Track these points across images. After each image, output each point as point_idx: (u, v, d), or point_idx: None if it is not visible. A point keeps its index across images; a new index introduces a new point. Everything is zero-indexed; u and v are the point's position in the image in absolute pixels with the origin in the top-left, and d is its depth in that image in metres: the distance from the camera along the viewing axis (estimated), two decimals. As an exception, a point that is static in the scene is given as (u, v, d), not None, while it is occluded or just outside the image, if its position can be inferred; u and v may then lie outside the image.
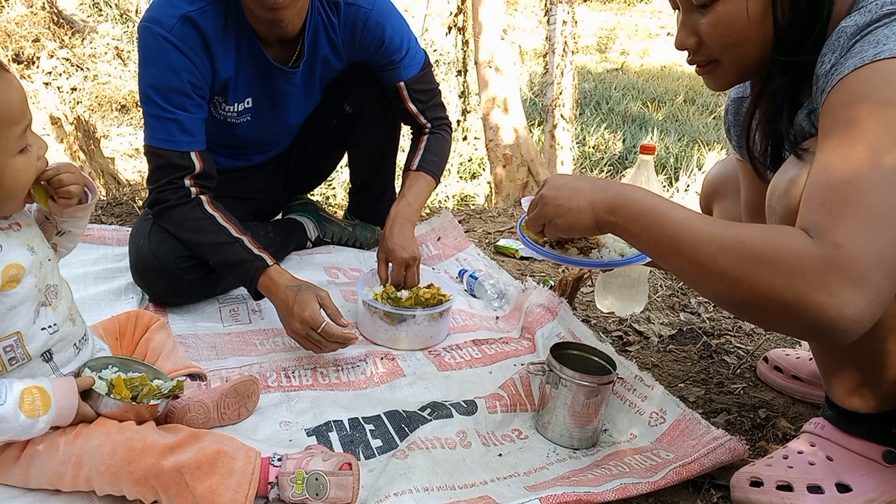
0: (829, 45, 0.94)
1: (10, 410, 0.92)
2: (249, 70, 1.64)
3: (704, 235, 0.89)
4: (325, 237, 2.13)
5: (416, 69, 1.81)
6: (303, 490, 0.99)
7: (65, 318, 1.06)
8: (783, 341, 1.77)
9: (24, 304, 0.98)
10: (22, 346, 0.99)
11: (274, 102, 1.75)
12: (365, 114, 1.94)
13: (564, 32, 5.06)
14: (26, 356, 1.00)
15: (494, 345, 1.63)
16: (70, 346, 1.07)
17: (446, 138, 1.92)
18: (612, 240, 1.25)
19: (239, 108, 1.70)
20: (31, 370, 1.02)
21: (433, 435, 1.19)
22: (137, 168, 5.47)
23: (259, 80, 1.67)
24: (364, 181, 2.14)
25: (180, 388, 1.12)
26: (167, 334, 1.31)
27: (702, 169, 6.25)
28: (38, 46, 6.15)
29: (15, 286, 0.97)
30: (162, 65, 1.50)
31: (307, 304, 1.40)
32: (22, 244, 0.99)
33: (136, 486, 0.95)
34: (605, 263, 1.23)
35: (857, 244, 0.79)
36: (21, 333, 0.99)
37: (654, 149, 1.69)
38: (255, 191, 1.97)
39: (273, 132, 1.88)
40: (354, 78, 1.86)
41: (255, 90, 1.69)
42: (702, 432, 1.21)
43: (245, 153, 1.90)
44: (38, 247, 1.03)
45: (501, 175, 4.97)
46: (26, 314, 0.99)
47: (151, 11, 1.51)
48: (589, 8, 13.45)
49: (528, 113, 6.12)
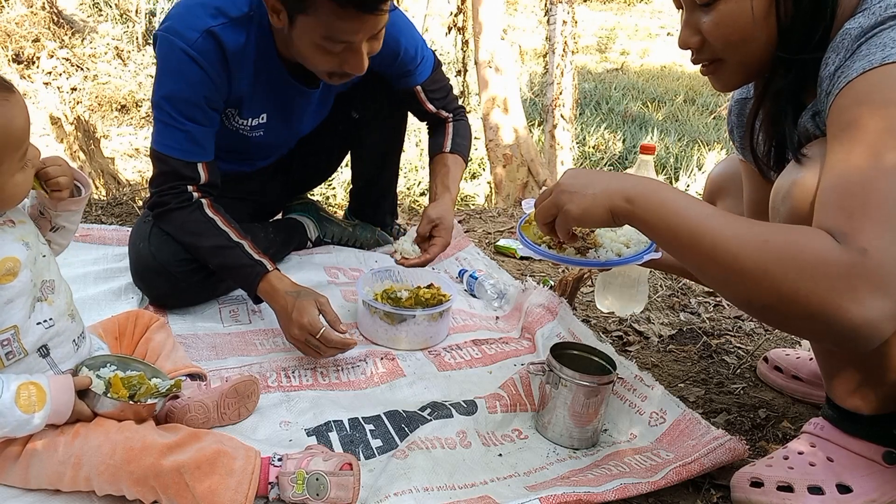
0: (834, 47, 0.93)
1: (7, 405, 0.92)
2: (266, 87, 1.63)
3: (727, 232, 0.87)
4: (326, 237, 2.13)
5: (428, 71, 1.83)
6: (303, 490, 0.99)
7: (62, 314, 1.06)
8: (783, 341, 1.77)
9: (21, 297, 0.99)
10: (18, 340, 1.00)
11: (288, 116, 1.75)
12: (371, 119, 1.94)
13: (564, 32, 5.07)
14: (23, 351, 1.01)
15: (494, 345, 1.63)
16: (68, 342, 1.08)
17: (467, 125, 1.97)
18: (610, 240, 1.25)
19: (253, 123, 1.70)
20: (29, 366, 1.02)
21: (433, 435, 1.19)
22: (137, 168, 5.47)
23: (275, 96, 1.67)
24: (366, 183, 2.15)
25: (178, 388, 1.12)
26: (167, 334, 1.31)
27: (702, 169, 6.25)
28: (38, 46, 6.15)
29: (12, 280, 0.97)
30: (179, 78, 1.48)
31: (306, 309, 1.40)
32: (16, 239, 1.00)
33: (136, 486, 0.95)
34: (602, 263, 1.21)
35: (883, 250, 0.78)
36: (18, 327, 0.99)
37: (654, 149, 1.69)
38: (256, 192, 1.97)
39: (283, 141, 1.89)
40: (362, 85, 1.86)
41: (271, 106, 1.69)
42: (702, 432, 1.21)
43: (251, 159, 1.90)
44: (33, 242, 1.04)
45: (501, 175, 4.97)
46: (22, 308, 1.00)
47: (173, 21, 1.47)
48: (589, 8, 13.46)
49: (528, 113, 6.12)
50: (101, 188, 4.14)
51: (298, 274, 1.88)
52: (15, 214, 1.04)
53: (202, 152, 1.57)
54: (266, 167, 1.98)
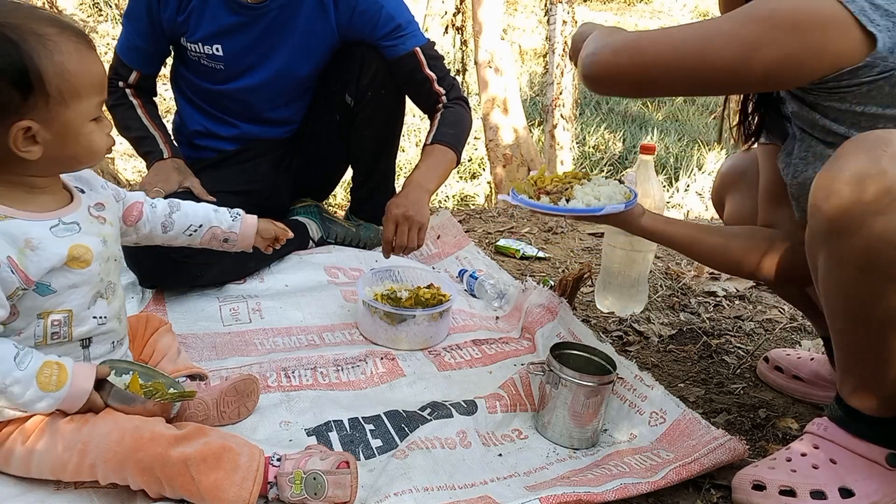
0: None
1: (27, 377, 0.94)
2: (217, 6, 1.74)
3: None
4: (329, 238, 2.13)
5: (425, 39, 1.85)
6: (301, 490, 0.99)
7: (114, 315, 1.11)
8: (783, 341, 1.78)
9: (84, 286, 1.03)
10: (69, 324, 1.03)
11: (248, 49, 1.81)
12: (367, 105, 1.94)
13: (564, 32, 5.07)
14: (69, 336, 1.04)
15: (494, 345, 1.63)
16: (108, 341, 1.11)
17: (463, 111, 1.92)
18: (583, 194, 1.29)
19: (207, 51, 1.81)
20: (67, 350, 1.04)
21: (433, 435, 1.19)
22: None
23: (227, 19, 1.76)
24: (364, 174, 2.14)
25: (191, 396, 1.13)
26: (172, 338, 1.33)
27: (702, 169, 6.25)
28: (38, 46, 6.12)
29: (83, 267, 1.02)
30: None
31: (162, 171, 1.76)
32: (98, 234, 1.06)
33: (142, 475, 0.95)
34: (571, 210, 1.27)
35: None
36: (72, 313, 1.03)
37: (654, 149, 1.69)
38: (258, 182, 1.96)
39: (254, 84, 1.89)
40: (355, 68, 1.86)
41: (224, 34, 1.78)
42: (702, 432, 1.21)
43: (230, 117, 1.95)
44: (111, 244, 1.09)
45: (501, 175, 4.97)
46: (83, 297, 1.04)
47: None
48: (589, 8, 13.44)
49: (528, 113, 6.12)
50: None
51: (298, 273, 1.88)
52: (110, 214, 1.12)
53: (138, 60, 1.85)
54: (263, 155, 2.00)
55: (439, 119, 1.87)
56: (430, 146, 1.83)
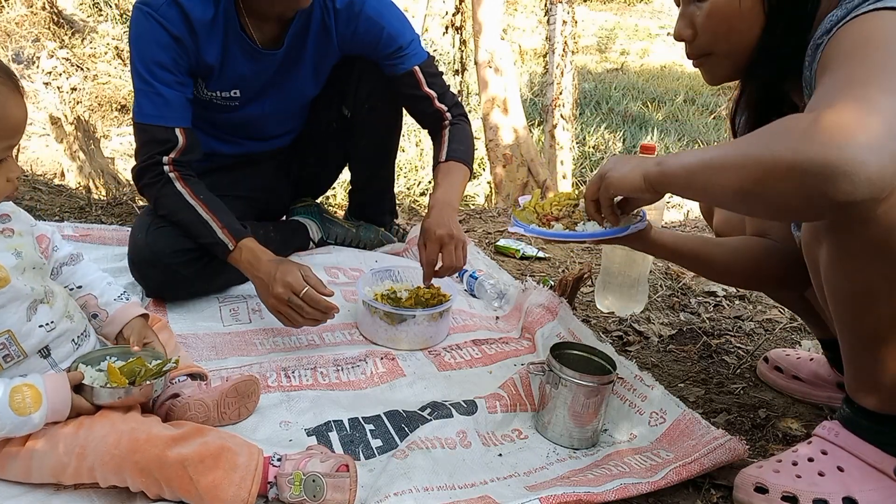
0: (814, 41, 0.97)
1: (0, 409, 0.93)
2: (235, 61, 1.69)
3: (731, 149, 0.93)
4: (329, 238, 2.13)
5: (424, 55, 1.83)
6: (300, 492, 0.99)
7: (61, 315, 1.08)
8: (783, 341, 1.78)
9: (13, 303, 1.01)
10: (15, 343, 1.02)
11: (264, 89, 1.79)
12: (364, 118, 1.94)
13: (564, 32, 5.06)
14: (21, 353, 1.02)
15: (494, 345, 1.63)
16: (68, 341, 1.09)
17: (467, 128, 1.91)
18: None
19: (223, 95, 1.75)
20: (29, 367, 1.03)
21: (433, 435, 1.19)
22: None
23: (244, 68, 1.71)
24: (364, 182, 2.14)
25: (176, 364, 1.12)
26: (169, 334, 1.32)
27: (702, 169, 6.23)
28: (38, 46, 6.16)
29: (2, 286, 0.99)
30: (148, 40, 1.57)
31: (290, 270, 1.43)
32: (9, 248, 1.03)
33: (140, 477, 0.95)
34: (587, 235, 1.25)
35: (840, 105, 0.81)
36: (12, 332, 1.01)
37: (654, 149, 1.69)
38: (258, 189, 1.97)
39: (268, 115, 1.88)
40: (353, 81, 1.86)
41: (242, 80, 1.74)
42: (702, 432, 1.21)
43: (240, 137, 1.92)
44: (27, 253, 1.06)
45: (501, 175, 4.97)
46: (16, 312, 1.02)
47: None
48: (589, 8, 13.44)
49: (528, 113, 6.12)
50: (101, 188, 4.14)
51: (298, 274, 1.88)
52: (16, 224, 1.07)
53: (177, 117, 1.62)
54: (265, 163, 1.98)
55: (448, 136, 1.86)
56: (445, 163, 1.81)
